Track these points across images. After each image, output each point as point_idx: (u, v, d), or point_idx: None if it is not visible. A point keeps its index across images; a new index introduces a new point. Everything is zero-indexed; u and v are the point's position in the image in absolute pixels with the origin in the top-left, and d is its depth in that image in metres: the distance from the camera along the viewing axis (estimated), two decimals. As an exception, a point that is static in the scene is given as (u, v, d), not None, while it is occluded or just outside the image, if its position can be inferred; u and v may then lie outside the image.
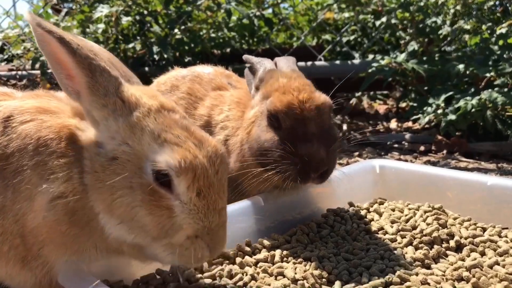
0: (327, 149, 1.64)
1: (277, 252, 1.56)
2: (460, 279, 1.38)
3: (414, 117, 3.96)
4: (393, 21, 4.75)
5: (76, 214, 1.24)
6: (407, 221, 1.79)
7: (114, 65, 1.30)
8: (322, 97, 1.74)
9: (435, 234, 1.63)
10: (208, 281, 1.40)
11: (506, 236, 1.63)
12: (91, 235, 1.27)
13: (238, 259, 1.52)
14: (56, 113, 1.35)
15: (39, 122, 1.31)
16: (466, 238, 1.62)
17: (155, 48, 4.63)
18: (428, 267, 1.48)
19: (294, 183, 1.65)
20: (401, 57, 4.18)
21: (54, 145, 1.27)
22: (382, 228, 1.74)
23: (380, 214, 1.88)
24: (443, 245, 1.59)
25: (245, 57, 2.02)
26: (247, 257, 1.54)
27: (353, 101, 5.38)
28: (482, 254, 1.54)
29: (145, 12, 4.93)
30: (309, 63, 5.05)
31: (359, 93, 5.67)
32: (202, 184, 1.17)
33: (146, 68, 4.77)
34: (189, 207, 1.16)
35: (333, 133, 1.73)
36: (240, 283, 1.39)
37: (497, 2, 4.68)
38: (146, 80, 2.66)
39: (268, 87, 1.82)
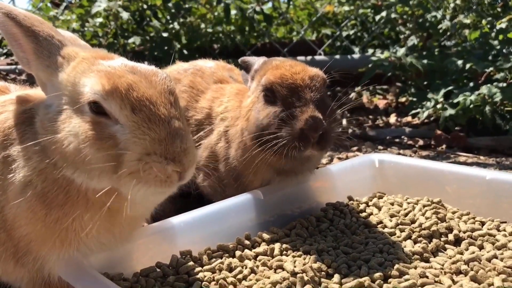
0: (323, 112, 1.65)
1: (277, 246, 1.57)
2: (458, 272, 1.39)
3: (414, 111, 3.96)
4: (393, 15, 4.74)
5: (49, 195, 1.23)
6: (406, 215, 1.79)
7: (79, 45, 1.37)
8: (314, 70, 1.77)
9: (434, 228, 1.63)
10: (208, 274, 1.41)
11: (504, 230, 1.64)
12: (74, 212, 1.23)
13: (237, 252, 1.53)
14: (24, 102, 1.37)
15: (7, 113, 1.35)
16: (464, 232, 1.63)
17: (154, 43, 4.62)
18: (426, 260, 1.49)
19: (295, 150, 1.62)
20: (401, 51, 4.18)
21: (13, 134, 1.30)
22: (381, 222, 1.75)
23: (379, 208, 1.89)
24: (442, 239, 1.60)
25: (241, 59, 2.03)
26: (246, 251, 1.55)
27: (353, 95, 5.37)
28: (481, 247, 1.55)
29: (145, 6, 4.91)
30: (309, 57, 5.04)
31: (359, 88, 5.66)
32: (135, 99, 1.15)
33: (145, 63, 4.75)
34: (128, 124, 1.14)
35: (328, 101, 1.73)
36: (240, 276, 1.39)
37: (497, -3, 4.68)
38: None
39: (262, 71, 1.85)
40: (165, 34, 4.78)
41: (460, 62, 3.83)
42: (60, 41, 1.30)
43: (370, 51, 5.25)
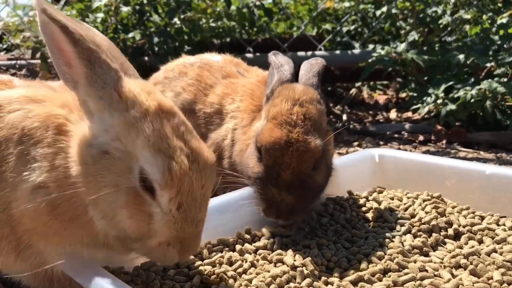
0: (296, 197, 1.58)
1: (277, 240, 1.57)
2: (457, 266, 1.40)
3: (414, 107, 3.96)
4: (393, 10, 4.73)
5: (59, 208, 1.23)
6: (406, 209, 1.80)
7: (113, 56, 1.26)
8: (312, 144, 1.59)
9: (433, 222, 1.64)
10: (208, 267, 1.42)
11: (504, 225, 1.65)
12: (78, 230, 1.27)
13: (238, 247, 1.53)
14: (43, 102, 1.35)
15: (25, 111, 1.31)
16: (464, 226, 1.63)
17: (155, 38, 4.62)
18: (426, 254, 1.49)
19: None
20: (401, 47, 4.17)
21: (39, 134, 1.27)
22: (381, 216, 1.75)
23: (379, 203, 1.89)
24: (442, 233, 1.60)
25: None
26: (246, 245, 1.56)
27: (353, 91, 5.38)
28: (480, 242, 1.55)
29: (145, 1, 4.91)
30: (309, 53, 5.03)
31: (359, 83, 5.66)
32: (185, 199, 1.16)
33: (146, 58, 4.76)
34: (168, 218, 1.16)
35: (312, 182, 1.63)
36: (240, 270, 1.40)
37: (498, -8, 4.66)
38: (145, 70, 2.66)
39: (272, 107, 1.70)
40: (165, 29, 4.78)
41: (461, 56, 3.82)
42: (115, 71, 1.19)
43: (371, 46, 5.25)
